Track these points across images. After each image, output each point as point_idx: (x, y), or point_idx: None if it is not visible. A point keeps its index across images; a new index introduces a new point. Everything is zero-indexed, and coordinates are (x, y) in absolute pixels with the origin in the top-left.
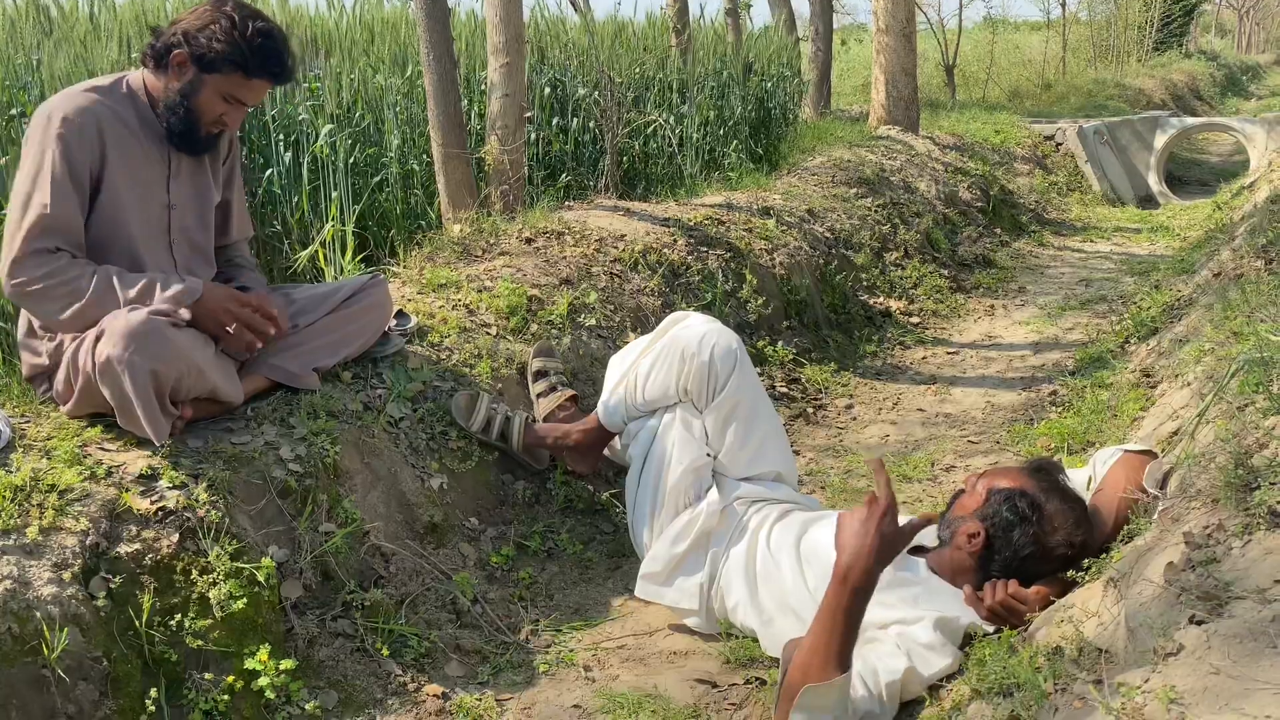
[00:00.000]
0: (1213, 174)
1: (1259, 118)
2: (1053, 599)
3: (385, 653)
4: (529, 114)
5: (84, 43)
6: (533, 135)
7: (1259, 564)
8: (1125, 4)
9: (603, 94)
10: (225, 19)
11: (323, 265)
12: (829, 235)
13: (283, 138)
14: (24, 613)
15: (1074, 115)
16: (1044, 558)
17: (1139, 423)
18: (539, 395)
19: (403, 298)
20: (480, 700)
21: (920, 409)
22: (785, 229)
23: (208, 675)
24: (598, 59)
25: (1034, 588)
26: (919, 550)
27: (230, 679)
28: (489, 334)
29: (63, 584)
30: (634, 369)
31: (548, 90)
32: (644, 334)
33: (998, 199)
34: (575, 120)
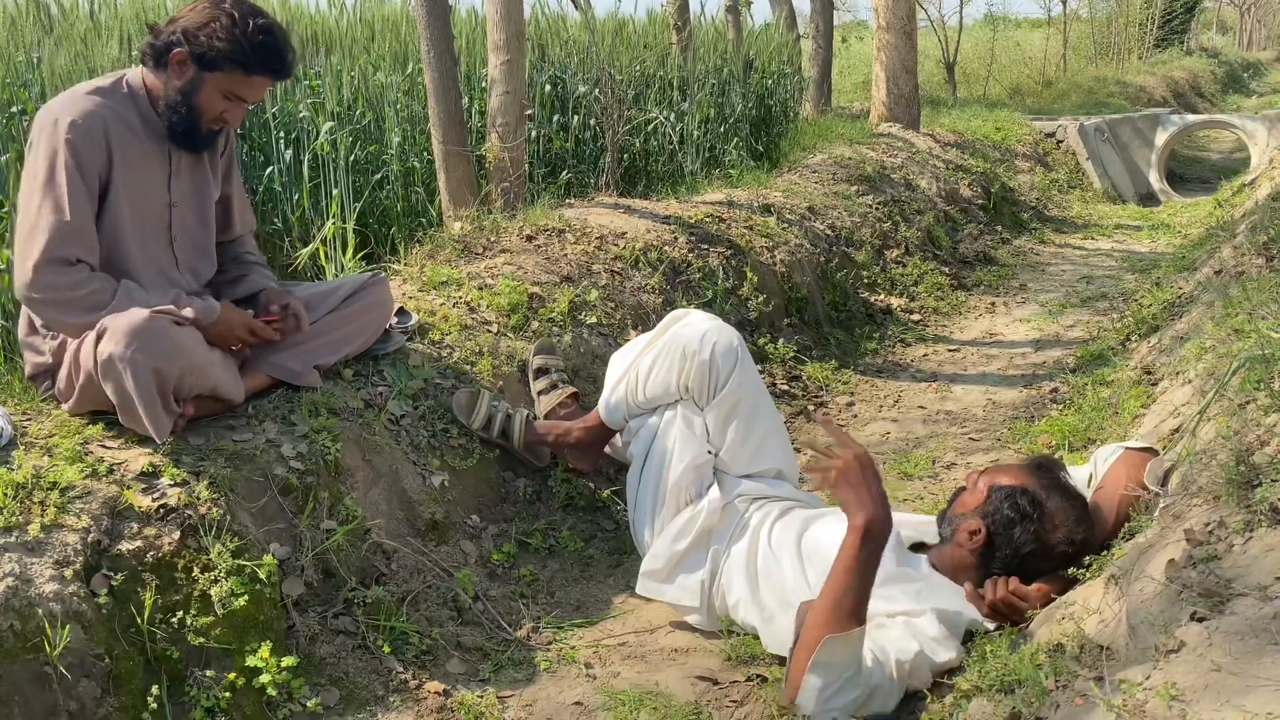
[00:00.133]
0: (1214, 171)
1: (1260, 115)
2: (1054, 596)
3: (386, 650)
4: (529, 111)
5: (84, 40)
6: (533, 133)
7: (1260, 561)
8: (1126, 1)
9: (603, 91)
10: (225, 16)
11: (323, 263)
12: (830, 233)
13: (283, 135)
14: (26, 610)
15: (1075, 112)
16: (1045, 555)
17: (1140, 420)
18: (540, 393)
19: (404, 295)
20: (481, 697)
21: (921, 406)
22: (786, 226)
23: (209, 672)
24: (598, 56)
25: (1035, 585)
26: (920, 547)
27: (232, 676)
28: (490, 331)
29: (64, 581)
30: (635, 366)
31: (548, 87)
32: (645, 331)
33: (999, 196)
34: (576, 118)
